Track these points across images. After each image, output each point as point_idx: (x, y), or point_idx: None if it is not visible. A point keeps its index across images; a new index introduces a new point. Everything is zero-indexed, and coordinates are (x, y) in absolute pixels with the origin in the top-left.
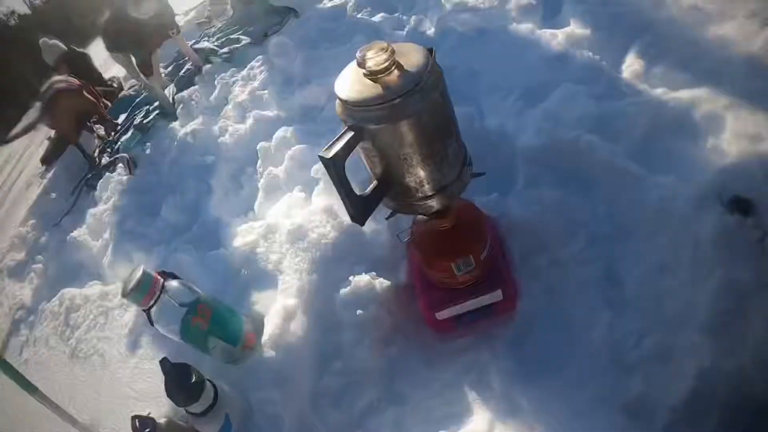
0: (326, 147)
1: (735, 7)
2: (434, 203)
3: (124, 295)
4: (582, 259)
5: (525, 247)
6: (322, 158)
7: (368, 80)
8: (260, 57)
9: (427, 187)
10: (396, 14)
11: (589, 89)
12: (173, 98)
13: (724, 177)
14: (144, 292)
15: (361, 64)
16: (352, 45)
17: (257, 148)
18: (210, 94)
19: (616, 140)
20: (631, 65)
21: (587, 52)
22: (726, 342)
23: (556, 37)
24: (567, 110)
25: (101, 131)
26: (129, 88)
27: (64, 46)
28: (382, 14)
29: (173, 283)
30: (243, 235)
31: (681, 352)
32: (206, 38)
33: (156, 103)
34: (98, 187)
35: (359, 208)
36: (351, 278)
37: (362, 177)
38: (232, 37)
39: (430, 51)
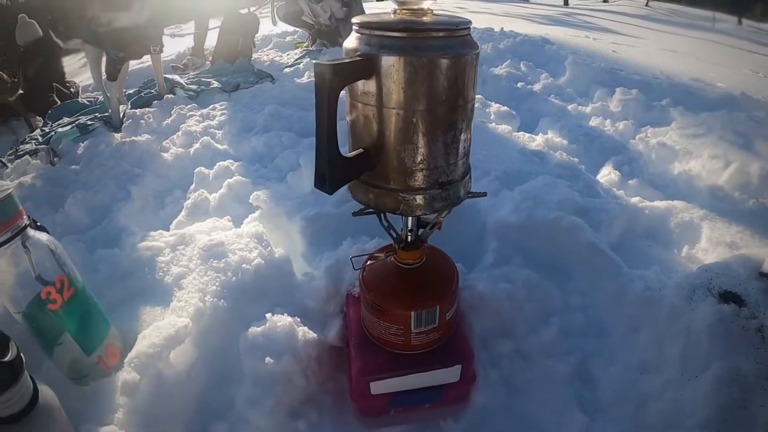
0: (326, 61)
1: (700, 148)
2: (422, 202)
3: None
4: (551, 352)
5: (486, 329)
6: (318, 65)
7: (399, 15)
8: (225, 102)
9: (423, 173)
10: None
11: (567, 183)
12: (124, 114)
13: (709, 274)
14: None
15: None
16: None
17: (195, 171)
18: (163, 120)
19: (597, 231)
20: (607, 174)
21: (565, 155)
22: None
23: (534, 140)
24: (547, 194)
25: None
26: (84, 97)
27: (40, 31)
28: None
29: (41, 237)
30: (147, 240)
31: None
32: (178, 76)
33: (105, 114)
34: (10, 166)
35: (333, 167)
36: (268, 316)
37: None
38: (203, 80)
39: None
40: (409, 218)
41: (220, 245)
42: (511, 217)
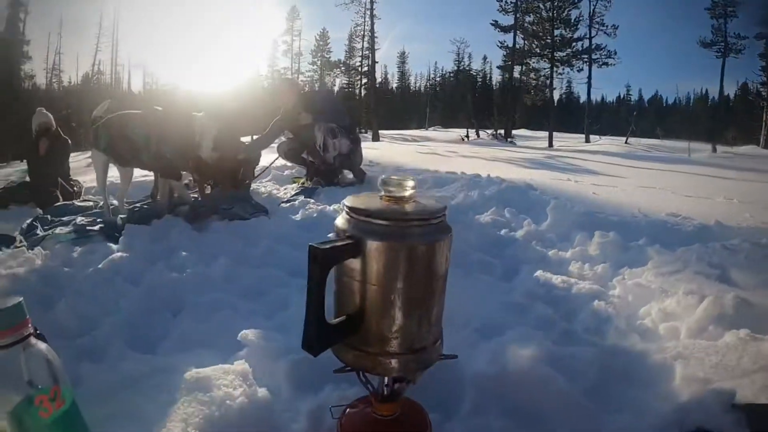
0: (321, 242)
1: (675, 285)
2: (396, 365)
3: None
4: None
5: None
6: (312, 248)
7: (384, 200)
8: (222, 229)
9: (398, 340)
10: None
11: (545, 334)
12: (123, 226)
13: (681, 413)
14: (6, 324)
15: (386, 184)
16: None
17: (186, 299)
18: (156, 240)
19: (572, 379)
20: (584, 319)
21: (543, 306)
22: None
23: (514, 290)
24: (523, 346)
25: None
26: (83, 200)
27: (53, 125)
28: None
29: (40, 347)
30: (133, 361)
31: None
32: None
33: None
34: (4, 254)
35: (320, 334)
36: None
37: None
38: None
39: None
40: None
41: (206, 378)
42: (487, 367)
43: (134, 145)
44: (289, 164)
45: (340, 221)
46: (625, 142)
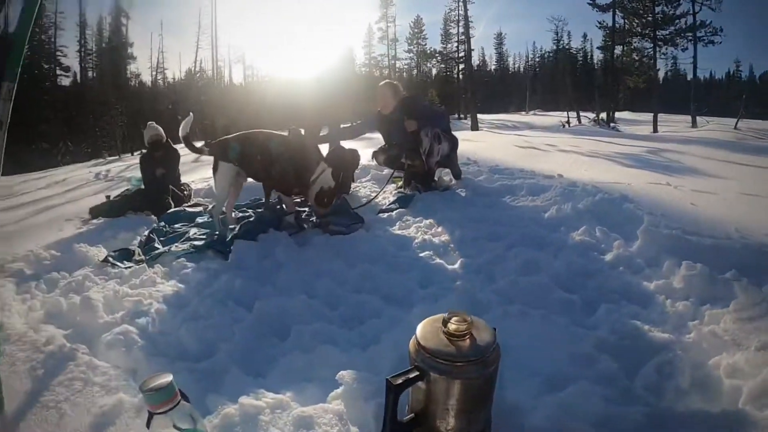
0: (394, 375)
1: (751, 336)
2: None
3: (144, 390)
4: None
5: None
6: (388, 381)
7: (445, 336)
8: (322, 242)
9: None
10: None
11: (603, 390)
12: (232, 239)
13: None
14: (163, 398)
15: (445, 323)
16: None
17: (293, 328)
18: (263, 257)
19: None
20: (647, 374)
21: (609, 359)
22: None
23: (586, 337)
24: (578, 405)
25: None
26: (192, 204)
27: (163, 136)
28: None
29: (185, 405)
30: (251, 397)
31: None
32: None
33: (216, 234)
34: (127, 270)
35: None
36: None
37: None
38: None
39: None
40: None
41: (309, 418)
42: (543, 424)
43: (269, 159)
44: None
45: (412, 347)
46: (735, 127)
